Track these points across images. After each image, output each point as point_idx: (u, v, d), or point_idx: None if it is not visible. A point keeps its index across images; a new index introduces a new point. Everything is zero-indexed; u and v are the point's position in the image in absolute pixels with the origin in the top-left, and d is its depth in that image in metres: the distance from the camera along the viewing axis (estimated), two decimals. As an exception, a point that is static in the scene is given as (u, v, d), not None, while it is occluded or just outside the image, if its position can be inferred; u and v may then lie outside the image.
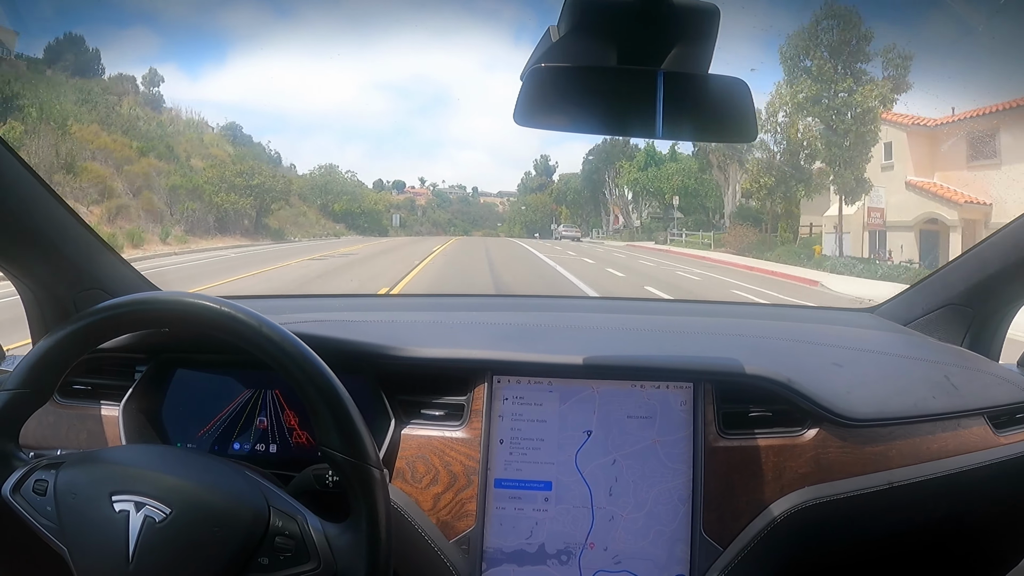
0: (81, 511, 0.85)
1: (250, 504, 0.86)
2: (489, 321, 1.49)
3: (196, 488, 0.86)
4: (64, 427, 1.21)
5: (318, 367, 0.89)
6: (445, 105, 69.58)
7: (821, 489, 1.15)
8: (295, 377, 0.89)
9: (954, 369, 1.35)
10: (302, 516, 0.87)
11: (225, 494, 0.86)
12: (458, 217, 48.44)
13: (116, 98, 24.53)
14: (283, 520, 0.86)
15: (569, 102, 0.88)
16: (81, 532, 0.84)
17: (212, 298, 0.92)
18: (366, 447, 0.88)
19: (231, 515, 0.84)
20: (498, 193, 52.01)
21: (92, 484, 0.86)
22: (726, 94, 0.89)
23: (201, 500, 0.85)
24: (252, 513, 0.85)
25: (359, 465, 0.87)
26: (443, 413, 1.18)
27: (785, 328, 1.55)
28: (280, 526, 0.85)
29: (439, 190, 50.95)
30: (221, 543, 0.83)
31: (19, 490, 0.88)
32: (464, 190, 52.05)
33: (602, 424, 1.17)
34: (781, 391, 1.18)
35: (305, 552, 0.85)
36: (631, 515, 1.15)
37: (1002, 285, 1.43)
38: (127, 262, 1.38)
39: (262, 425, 1.20)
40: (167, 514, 0.83)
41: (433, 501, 1.14)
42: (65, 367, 0.93)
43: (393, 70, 58.64)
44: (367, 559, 0.86)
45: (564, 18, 0.86)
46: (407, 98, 74.00)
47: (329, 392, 0.88)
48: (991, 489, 1.26)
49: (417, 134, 71.99)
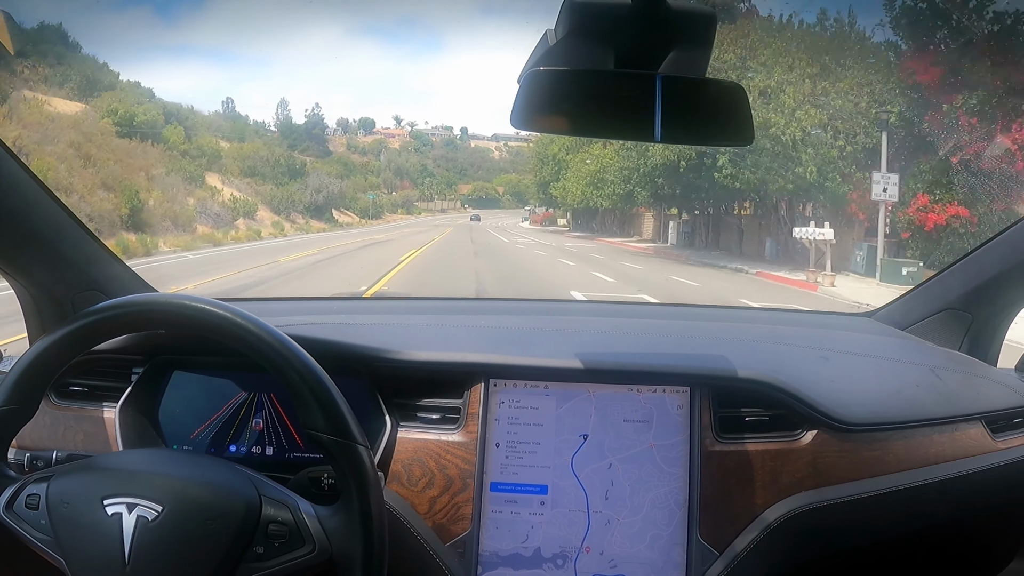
0: (74, 519, 0.85)
1: (241, 495, 0.86)
2: (485, 324, 1.49)
3: (186, 484, 0.86)
4: (60, 429, 1.21)
5: (299, 355, 0.90)
6: (436, 50, 66.71)
7: (818, 493, 1.15)
8: (280, 369, 0.90)
9: (952, 374, 1.35)
10: (293, 502, 0.88)
11: (215, 487, 0.87)
12: (441, 164, 38.57)
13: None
14: (275, 508, 0.87)
15: (567, 106, 0.88)
16: (76, 540, 0.84)
17: (209, 300, 0.92)
18: (349, 425, 0.89)
19: (223, 507, 0.85)
20: (492, 136, 42.25)
21: (83, 491, 0.86)
22: (723, 98, 0.89)
23: (192, 495, 0.85)
24: (244, 504, 0.86)
25: (344, 443, 0.88)
26: (439, 416, 1.18)
27: (782, 332, 1.55)
28: (272, 514, 0.86)
29: (418, 131, 41.17)
30: (215, 536, 0.84)
31: (12, 507, 0.88)
32: (450, 131, 42.08)
33: (598, 428, 1.17)
34: (777, 395, 1.18)
35: (299, 537, 0.86)
36: (627, 519, 1.15)
37: (1000, 289, 1.43)
38: (125, 264, 1.38)
39: (258, 427, 1.20)
40: (159, 512, 0.83)
41: (429, 504, 1.14)
42: (56, 373, 0.93)
43: (382, 14, 53.89)
44: (362, 537, 0.87)
45: (561, 21, 0.86)
46: (396, 44, 70.58)
47: (309, 375, 0.90)
48: (988, 494, 1.26)
49: (405, 82, 68.38)
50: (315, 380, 0.90)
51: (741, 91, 0.88)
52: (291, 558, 0.85)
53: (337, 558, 0.87)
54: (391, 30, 56.46)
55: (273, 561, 0.85)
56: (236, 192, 25.57)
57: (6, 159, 1.07)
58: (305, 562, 0.86)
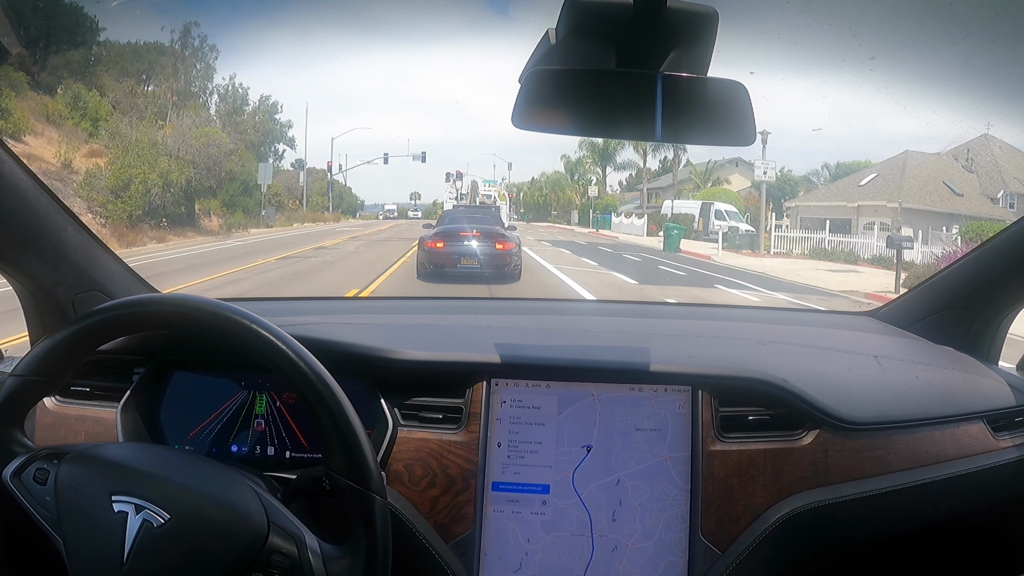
0: (80, 507, 0.85)
1: (250, 518, 0.85)
2: (486, 324, 1.49)
3: (197, 497, 0.85)
4: (62, 429, 1.21)
5: (329, 386, 0.89)
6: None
7: (820, 493, 1.15)
8: (302, 390, 0.89)
9: (953, 373, 1.35)
10: (300, 536, 0.86)
11: (226, 506, 0.85)
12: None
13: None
14: (281, 538, 0.85)
15: (568, 105, 0.88)
16: (78, 527, 0.84)
17: (215, 302, 0.92)
18: (371, 474, 0.88)
19: (230, 528, 0.84)
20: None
21: (93, 481, 0.86)
22: (725, 97, 0.88)
23: (201, 510, 0.84)
24: (251, 528, 0.84)
25: (362, 492, 0.87)
26: (441, 416, 1.18)
27: (784, 331, 1.55)
28: (278, 544, 0.85)
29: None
30: (217, 555, 0.83)
31: (19, 476, 0.88)
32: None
33: (604, 438, 1.15)
34: (779, 394, 1.17)
35: (300, 573, 0.84)
36: (637, 544, 1.13)
37: (1002, 289, 1.43)
38: (126, 264, 1.38)
39: (260, 427, 1.20)
40: (165, 520, 0.83)
41: (431, 504, 1.14)
42: (72, 363, 0.94)
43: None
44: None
45: (562, 21, 0.86)
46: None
47: (339, 415, 0.88)
48: (990, 493, 1.26)
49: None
50: (343, 418, 0.88)
51: (743, 90, 0.88)
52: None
53: None
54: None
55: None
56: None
57: (6, 160, 1.07)
58: None
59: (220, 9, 41.05)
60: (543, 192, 40.03)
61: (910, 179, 22.65)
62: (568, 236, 25.43)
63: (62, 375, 0.94)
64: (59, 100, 21.23)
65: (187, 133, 20.27)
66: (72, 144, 18.90)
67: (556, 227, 33.91)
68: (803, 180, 33.17)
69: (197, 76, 26.66)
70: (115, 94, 22.69)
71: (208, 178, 20.39)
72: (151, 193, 17.01)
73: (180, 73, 25.68)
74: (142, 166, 17.15)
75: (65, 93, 21.55)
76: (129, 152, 17.79)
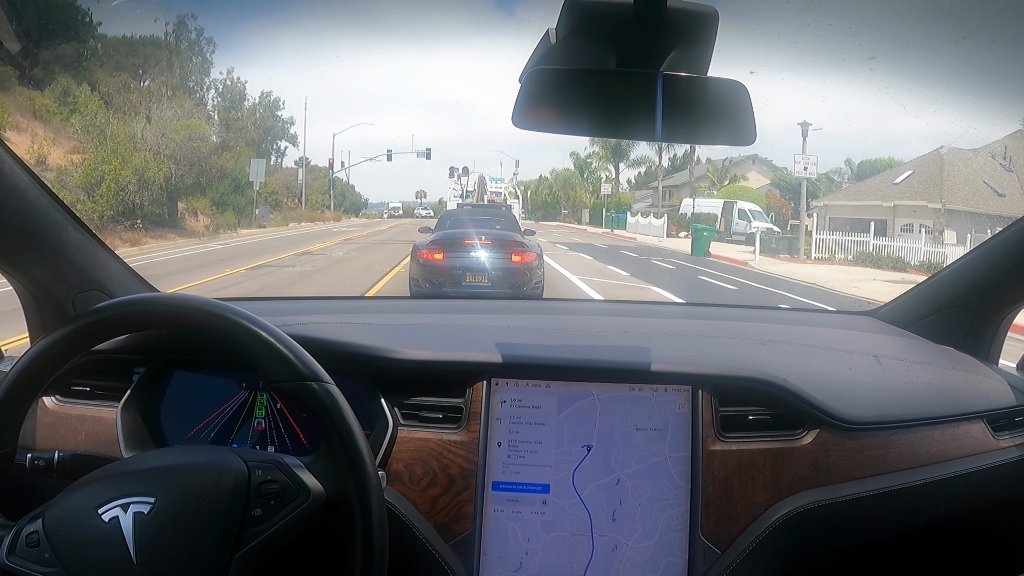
0: (75, 538, 0.84)
1: (228, 466, 0.87)
2: (487, 324, 1.49)
3: (171, 470, 0.87)
4: (63, 429, 1.21)
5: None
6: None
7: (820, 493, 1.15)
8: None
9: (954, 372, 1.35)
10: (278, 459, 0.89)
11: (201, 466, 0.87)
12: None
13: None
14: (263, 469, 0.88)
15: (568, 105, 0.88)
16: (83, 558, 0.83)
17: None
18: (313, 366, 0.91)
19: (212, 482, 0.86)
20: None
21: (76, 508, 0.85)
22: (725, 97, 0.88)
23: (180, 478, 0.86)
24: (232, 473, 0.87)
25: (311, 385, 0.90)
26: (441, 416, 1.18)
27: (784, 331, 1.55)
28: (261, 475, 0.87)
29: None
30: (212, 510, 0.84)
31: (14, 551, 0.86)
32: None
33: (604, 437, 1.16)
34: (779, 393, 1.18)
35: (292, 489, 0.87)
36: (638, 544, 1.13)
37: (1002, 288, 1.43)
38: (126, 263, 1.38)
39: (260, 427, 1.20)
40: (152, 503, 0.84)
41: (431, 504, 1.14)
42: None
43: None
44: (351, 470, 0.88)
45: (563, 20, 0.86)
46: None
47: (263, 329, 0.91)
48: (990, 493, 1.26)
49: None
50: (268, 329, 0.91)
51: (743, 89, 0.88)
52: (289, 511, 0.86)
53: (333, 499, 0.88)
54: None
55: (273, 519, 0.85)
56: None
57: (6, 160, 1.07)
58: (303, 511, 0.86)
59: (224, 5, 40.82)
60: (552, 190, 40.02)
61: (950, 178, 20.78)
62: (583, 238, 24.23)
63: (18, 429, 0.93)
64: (47, 95, 20.38)
65: (167, 126, 19.09)
66: (58, 140, 18.15)
67: (567, 227, 33.58)
68: (824, 179, 31.80)
69: (193, 70, 26.22)
70: (107, 88, 21.60)
71: (191, 174, 19.14)
72: (125, 191, 15.89)
73: (175, 67, 25.18)
74: (114, 162, 15.98)
75: (54, 88, 20.65)
76: (104, 147, 16.72)
